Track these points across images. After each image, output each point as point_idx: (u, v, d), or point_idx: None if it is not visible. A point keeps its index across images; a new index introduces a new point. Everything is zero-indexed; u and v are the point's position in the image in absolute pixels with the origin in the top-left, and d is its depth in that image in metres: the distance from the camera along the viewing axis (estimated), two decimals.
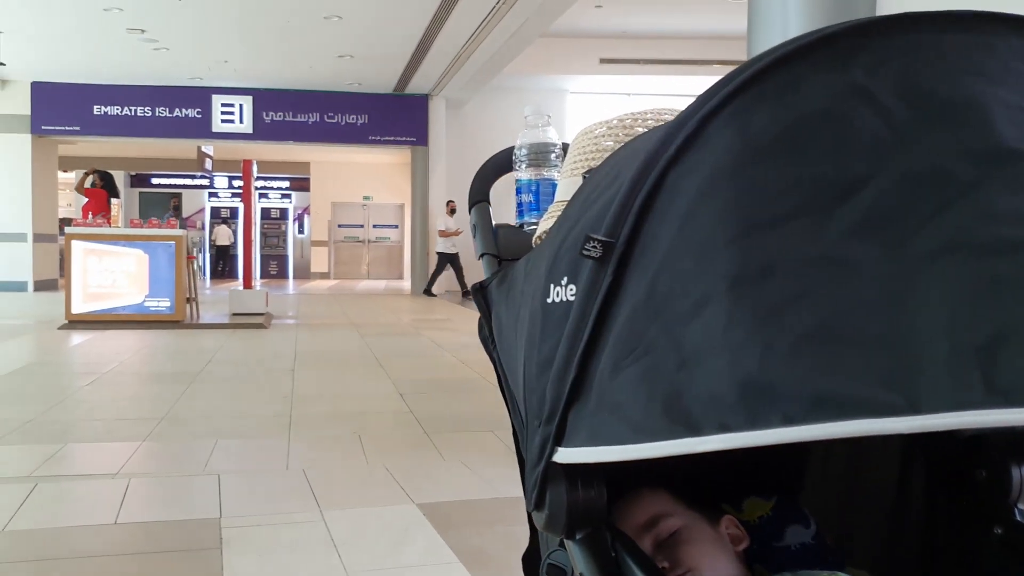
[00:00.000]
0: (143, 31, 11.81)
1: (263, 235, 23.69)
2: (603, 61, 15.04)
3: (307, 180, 23.67)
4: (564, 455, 0.75)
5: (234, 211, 24.82)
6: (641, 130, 1.05)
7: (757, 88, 0.65)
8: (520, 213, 1.22)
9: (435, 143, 16.00)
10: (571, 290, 0.75)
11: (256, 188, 11.84)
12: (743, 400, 0.57)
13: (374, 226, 24.07)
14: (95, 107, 15.37)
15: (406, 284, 19.62)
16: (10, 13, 11.12)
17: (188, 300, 9.89)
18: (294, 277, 24.22)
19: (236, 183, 24.34)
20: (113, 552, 2.65)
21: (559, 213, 1.03)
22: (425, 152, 16.05)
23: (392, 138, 16.05)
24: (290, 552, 2.61)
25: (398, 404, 5.09)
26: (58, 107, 15.33)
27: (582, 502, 0.77)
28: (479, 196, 1.25)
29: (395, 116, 15.90)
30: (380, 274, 23.75)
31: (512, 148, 1.26)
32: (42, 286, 15.88)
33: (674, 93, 16.45)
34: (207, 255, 23.55)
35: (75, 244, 9.44)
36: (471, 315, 11.54)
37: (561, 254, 0.79)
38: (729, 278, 0.61)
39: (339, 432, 4.33)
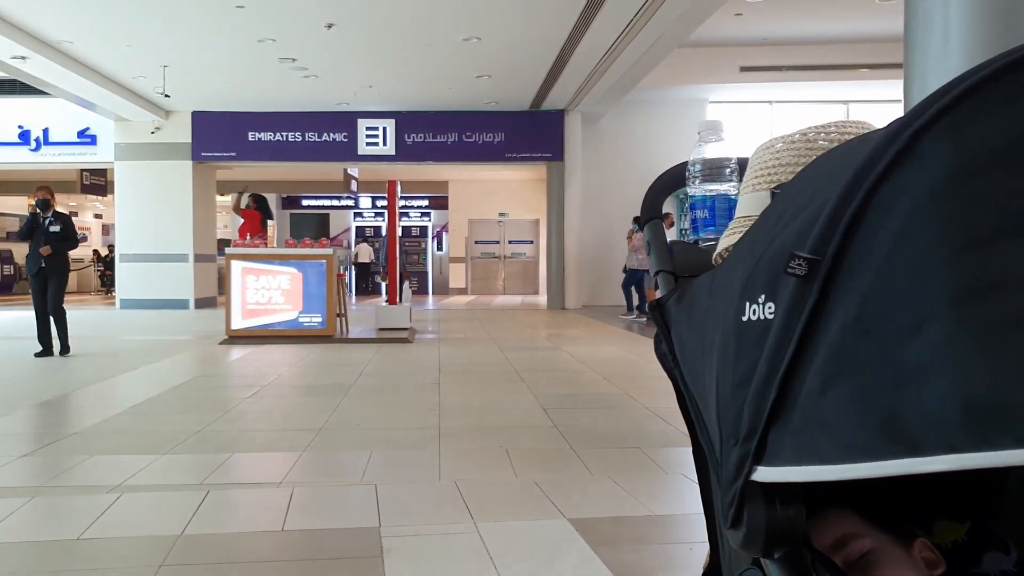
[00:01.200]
0: (294, 60, 12.45)
1: (404, 252, 24.42)
2: (743, 69, 14.72)
3: (445, 198, 24.27)
4: (765, 474, 0.74)
5: (377, 230, 25.74)
6: (824, 143, 1.03)
7: (972, 102, 0.63)
8: (695, 229, 1.22)
9: (571, 158, 16.09)
10: (770, 308, 0.75)
11: (398, 207, 12.25)
12: (971, 420, 0.56)
13: (510, 242, 24.42)
14: (250, 133, 16.32)
15: (542, 299, 19.76)
16: (173, 48, 11.98)
17: (338, 315, 10.31)
18: (433, 293, 24.84)
19: (379, 203, 25.28)
20: (282, 558, 2.79)
21: (741, 229, 1.02)
22: (561, 167, 16.16)
23: (528, 155, 16.25)
24: (448, 562, 2.67)
25: (542, 419, 5.12)
26: (216, 135, 16.38)
27: (781, 521, 0.76)
28: (652, 213, 1.24)
29: (531, 133, 16.10)
30: (516, 289, 24.05)
31: (684, 163, 1.25)
32: (202, 304, 16.94)
33: (820, 100, 15.94)
34: (352, 272, 24.52)
35: (234, 263, 10.02)
36: (609, 331, 11.50)
37: (757, 272, 0.78)
38: (951, 297, 0.59)
39: (486, 445, 4.40)
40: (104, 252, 25.37)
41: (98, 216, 28.46)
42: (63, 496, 3.48)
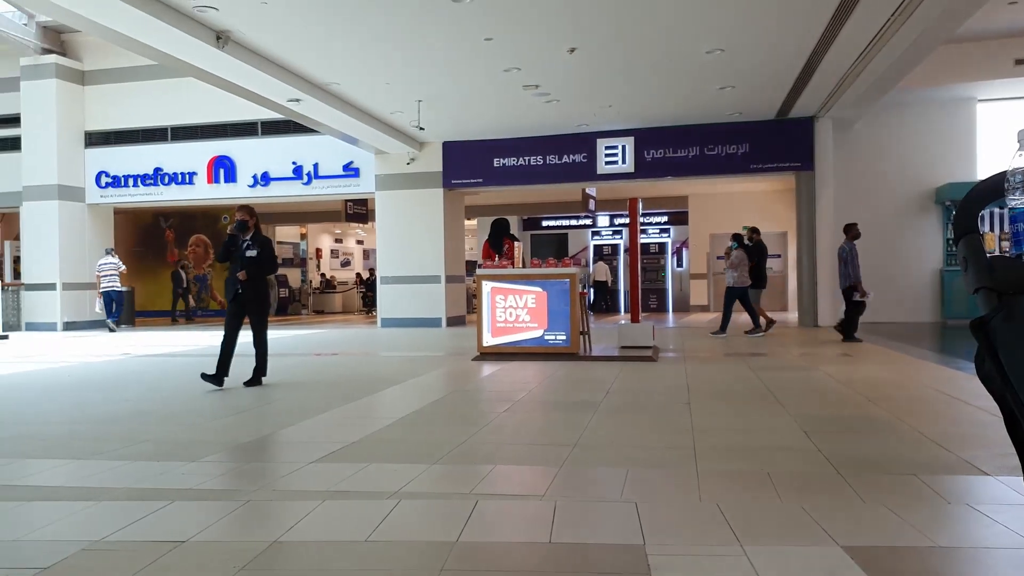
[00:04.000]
0: (537, 86, 12.88)
1: (642, 269, 24.35)
2: (1019, 62, 13.35)
3: (685, 213, 23.98)
4: None
5: (614, 248, 25.90)
6: None
7: None
8: (1018, 243, 1.13)
9: (821, 167, 15.34)
10: None
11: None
12: None
13: None
14: (495, 160, 17.07)
15: (791, 316, 18.96)
16: (427, 84, 12.80)
17: (581, 333, 10.48)
18: (673, 310, 24.55)
19: (616, 221, 25.41)
20: (553, 570, 2.86)
21: None
22: (811, 177, 15.45)
23: (774, 165, 15.69)
24: None
25: (803, 442, 4.90)
26: (464, 162, 17.29)
27: None
28: (968, 226, 1.17)
29: (777, 142, 15.55)
30: (762, 306, 23.17)
31: (1001, 173, 1.17)
32: (452, 322, 17.88)
33: None
34: (590, 291, 24.82)
35: (484, 283, 10.49)
36: (868, 350, 10.80)
37: None
38: None
39: (745, 467, 4.28)
40: (365, 275, 27.49)
41: (360, 242, 30.93)
42: (350, 500, 3.79)
